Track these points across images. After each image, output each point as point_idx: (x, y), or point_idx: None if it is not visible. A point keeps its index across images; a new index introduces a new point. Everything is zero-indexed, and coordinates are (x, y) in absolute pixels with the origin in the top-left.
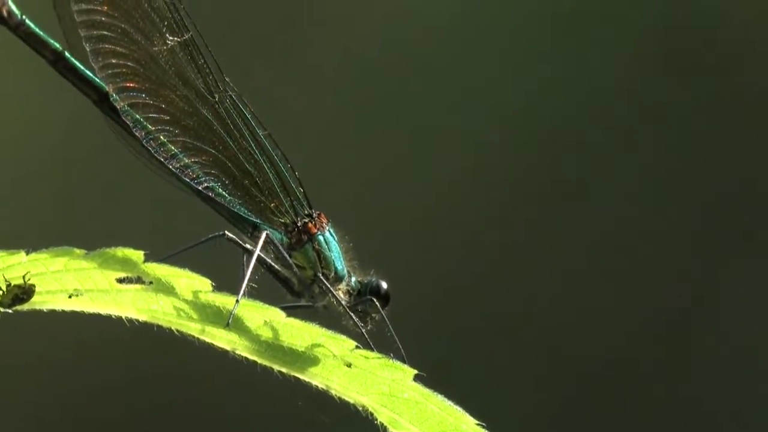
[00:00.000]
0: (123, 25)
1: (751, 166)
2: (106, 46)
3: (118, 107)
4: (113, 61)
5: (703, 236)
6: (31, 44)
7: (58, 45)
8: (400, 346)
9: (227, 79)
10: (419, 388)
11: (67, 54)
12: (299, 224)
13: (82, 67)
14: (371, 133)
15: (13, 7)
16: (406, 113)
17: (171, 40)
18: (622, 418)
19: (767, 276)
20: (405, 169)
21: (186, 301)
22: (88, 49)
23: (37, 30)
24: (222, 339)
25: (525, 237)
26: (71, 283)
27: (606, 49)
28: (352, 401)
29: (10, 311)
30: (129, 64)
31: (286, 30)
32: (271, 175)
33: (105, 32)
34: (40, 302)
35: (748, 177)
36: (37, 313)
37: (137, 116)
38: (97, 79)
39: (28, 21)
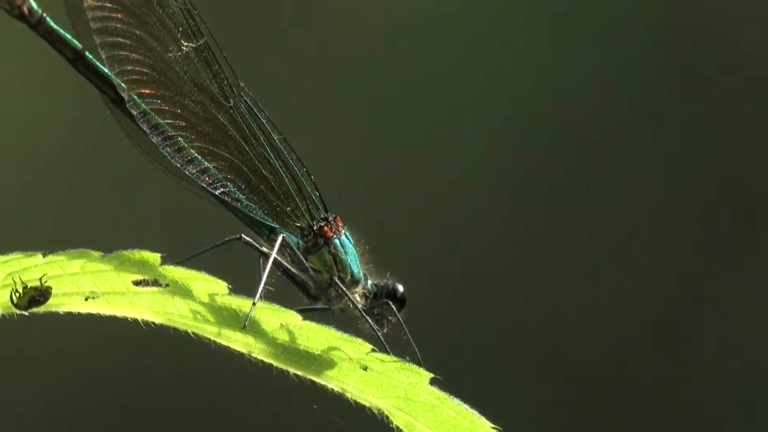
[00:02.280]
0: (138, 32)
1: (751, 166)
2: (122, 52)
3: (134, 113)
4: (129, 67)
5: (703, 236)
6: (51, 42)
7: (78, 43)
8: (416, 350)
9: (242, 84)
10: (435, 391)
11: (87, 53)
12: (315, 228)
13: (101, 66)
14: (374, 133)
15: (34, 5)
16: (408, 113)
17: (186, 46)
18: (623, 417)
19: (767, 276)
20: (407, 168)
21: (202, 304)
22: (103, 56)
23: (57, 28)
24: (238, 342)
25: (526, 237)
26: (88, 285)
27: (606, 49)
28: (367, 404)
29: (26, 313)
30: (144, 70)
31: (291, 30)
32: (286, 179)
33: (120, 39)
34: (57, 304)
35: (748, 176)
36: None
37: (158, 120)
38: (116, 79)
39: (48, 18)
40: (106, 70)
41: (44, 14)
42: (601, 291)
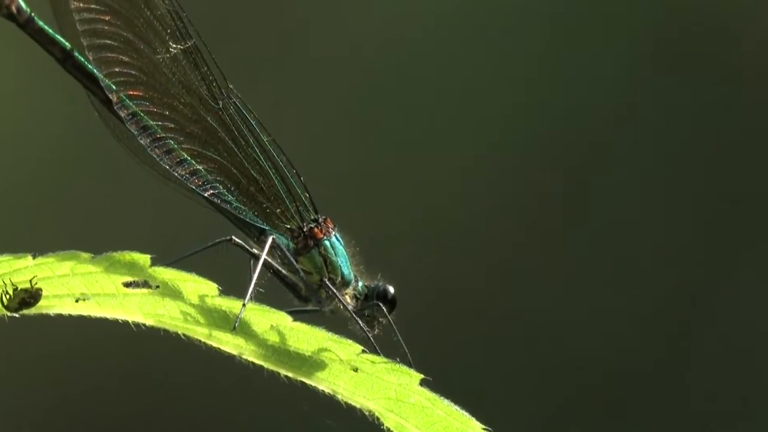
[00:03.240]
0: (125, 34)
1: (751, 166)
2: (110, 54)
3: (122, 115)
4: (117, 69)
5: (704, 236)
6: (40, 42)
7: (66, 43)
8: (407, 351)
9: (231, 86)
10: (426, 392)
11: (76, 52)
12: (305, 229)
13: (90, 66)
14: (370, 134)
15: (23, 4)
16: (406, 113)
17: (174, 48)
18: (622, 418)
19: (767, 276)
20: (404, 169)
21: (193, 306)
22: (91, 58)
23: (45, 27)
24: (229, 344)
25: (525, 237)
26: (78, 287)
27: (606, 49)
28: (358, 406)
29: (17, 315)
30: (132, 72)
31: (281, 31)
32: (276, 180)
33: (108, 41)
34: (47, 306)
35: (748, 177)
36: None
37: (147, 122)
38: (106, 80)
39: (36, 18)
40: (95, 71)
41: (33, 14)
42: (600, 291)
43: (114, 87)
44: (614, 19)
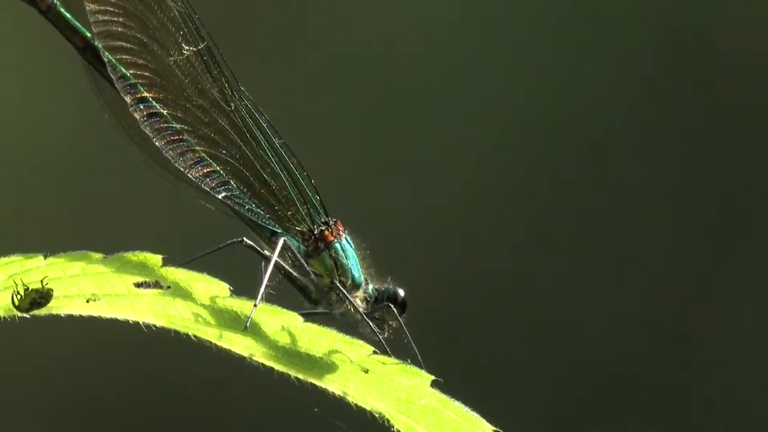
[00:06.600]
0: (139, 36)
1: (750, 166)
2: (124, 56)
3: (137, 117)
4: (131, 72)
5: (703, 236)
6: (61, 29)
7: (87, 32)
8: (417, 353)
9: (242, 88)
10: (436, 394)
11: (96, 42)
12: (316, 232)
13: (111, 57)
14: (370, 134)
15: None
16: (406, 114)
17: (187, 50)
18: (624, 419)
19: (767, 276)
20: (405, 169)
21: (203, 306)
22: (105, 60)
23: (67, 15)
24: (239, 345)
25: (526, 237)
26: (89, 287)
27: (606, 49)
28: (368, 408)
29: (27, 315)
30: (146, 74)
31: (285, 31)
32: (287, 183)
33: (122, 43)
34: (58, 307)
35: (748, 177)
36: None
37: (165, 123)
38: (131, 79)
39: (58, 5)
40: (116, 62)
41: (55, 0)
42: (600, 291)
43: (133, 79)
44: (614, 19)
